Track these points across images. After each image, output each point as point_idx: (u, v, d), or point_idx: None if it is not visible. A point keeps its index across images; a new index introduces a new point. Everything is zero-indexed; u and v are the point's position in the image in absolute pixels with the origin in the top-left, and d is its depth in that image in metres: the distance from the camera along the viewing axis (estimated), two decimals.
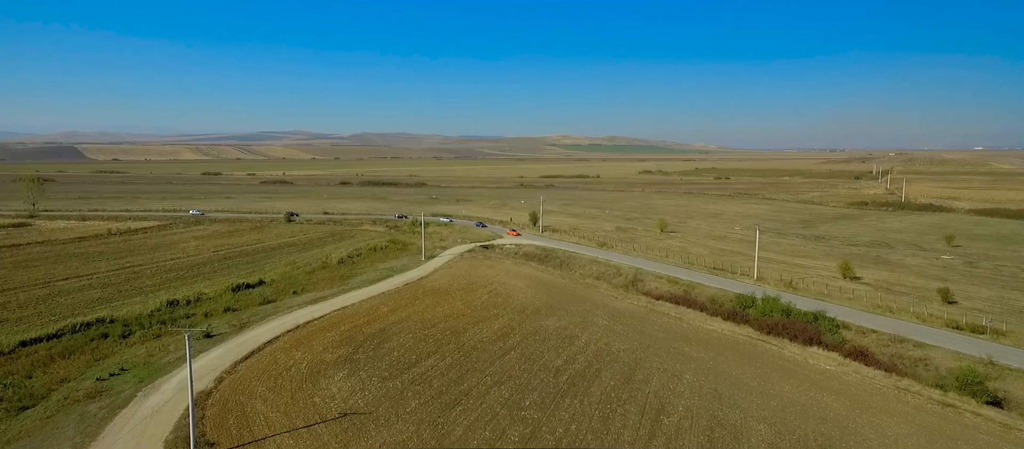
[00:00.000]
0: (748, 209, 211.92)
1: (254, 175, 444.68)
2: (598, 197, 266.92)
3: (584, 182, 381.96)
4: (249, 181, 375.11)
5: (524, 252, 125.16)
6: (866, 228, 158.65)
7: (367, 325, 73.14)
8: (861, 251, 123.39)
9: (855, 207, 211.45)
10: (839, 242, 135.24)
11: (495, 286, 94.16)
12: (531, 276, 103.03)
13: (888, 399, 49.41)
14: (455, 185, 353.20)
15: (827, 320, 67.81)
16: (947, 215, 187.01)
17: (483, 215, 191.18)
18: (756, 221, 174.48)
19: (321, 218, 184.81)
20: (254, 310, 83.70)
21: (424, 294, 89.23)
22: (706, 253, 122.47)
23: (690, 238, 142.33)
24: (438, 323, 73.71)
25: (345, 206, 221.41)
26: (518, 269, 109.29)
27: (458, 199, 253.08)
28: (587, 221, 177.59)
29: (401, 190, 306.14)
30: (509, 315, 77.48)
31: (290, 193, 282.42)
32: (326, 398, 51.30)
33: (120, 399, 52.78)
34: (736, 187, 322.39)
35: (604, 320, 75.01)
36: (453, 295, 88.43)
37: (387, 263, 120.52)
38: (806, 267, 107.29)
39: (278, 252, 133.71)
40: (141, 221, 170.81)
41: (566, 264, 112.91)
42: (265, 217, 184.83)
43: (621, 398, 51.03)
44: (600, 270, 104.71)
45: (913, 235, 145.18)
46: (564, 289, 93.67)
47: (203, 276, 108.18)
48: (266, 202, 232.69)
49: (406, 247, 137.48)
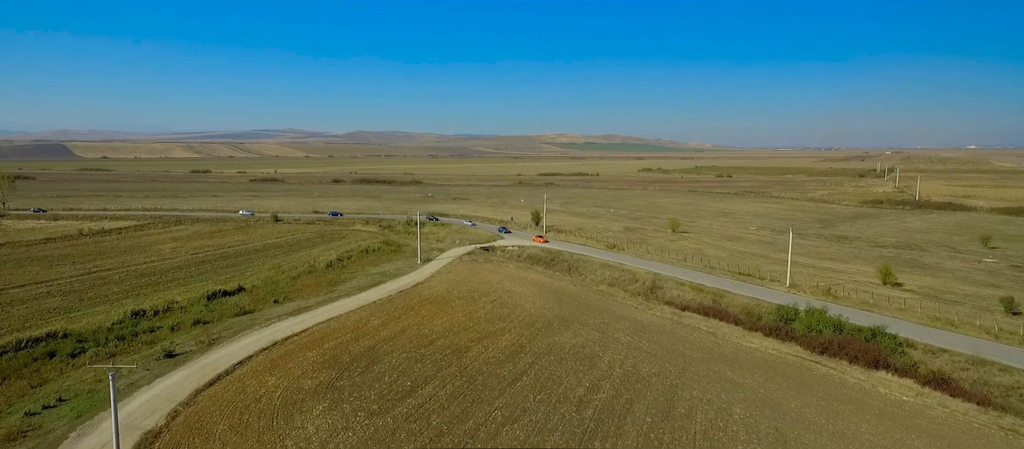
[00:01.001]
0: (759, 208, 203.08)
1: (244, 173, 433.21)
2: (599, 195, 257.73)
3: (584, 180, 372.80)
4: (238, 179, 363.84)
5: (529, 255, 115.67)
6: (888, 228, 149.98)
7: (355, 342, 63.47)
8: (891, 253, 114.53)
9: (870, 206, 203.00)
10: (864, 243, 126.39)
11: (499, 294, 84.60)
12: (538, 282, 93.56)
13: (995, 444, 40.22)
14: (451, 183, 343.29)
15: (887, 337, 58.54)
16: (969, 214, 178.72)
17: (482, 214, 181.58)
18: (770, 221, 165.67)
19: (310, 217, 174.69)
20: (228, 323, 73.94)
21: (420, 304, 79.58)
22: (725, 255, 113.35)
23: (704, 239, 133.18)
24: (436, 339, 64.10)
25: (337, 204, 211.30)
26: (523, 274, 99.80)
27: (455, 198, 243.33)
28: (592, 221, 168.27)
29: (396, 188, 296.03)
30: (517, 329, 67.98)
31: (280, 191, 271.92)
32: (301, 442, 41.65)
33: (47, 442, 42.97)
34: (741, 185, 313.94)
35: (627, 336, 65.59)
36: (453, 305, 78.84)
37: (380, 267, 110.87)
38: (837, 271, 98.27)
39: (262, 254, 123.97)
40: (117, 221, 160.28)
41: (575, 268, 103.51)
42: (252, 217, 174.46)
43: (662, 441, 41.63)
44: (614, 275, 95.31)
45: (941, 236, 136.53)
46: (576, 298, 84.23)
47: (177, 282, 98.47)
48: (254, 201, 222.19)
49: (400, 249, 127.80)
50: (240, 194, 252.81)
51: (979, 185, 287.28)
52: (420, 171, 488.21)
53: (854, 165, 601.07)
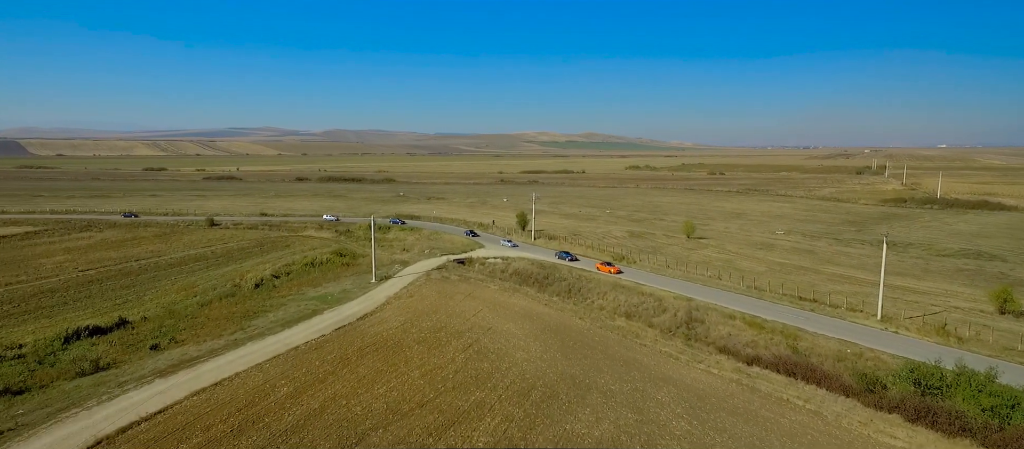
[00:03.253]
0: (771, 208, 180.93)
1: (203, 170, 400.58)
2: (590, 194, 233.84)
3: (570, 178, 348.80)
4: (191, 177, 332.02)
5: (515, 270, 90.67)
6: (934, 232, 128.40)
7: (241, 434, 37.94)
8: (967, 265, 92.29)
9: (892, 205, 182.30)
10: (923, 251, 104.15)
11: (477, 334, 59.49)
12: (529, 313, 68.67)
13: None
14: (428, 181, 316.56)
15: None
16: (1011, 214, 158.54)
17: (459, 216, 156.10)
18: (793, 223, 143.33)
19: (255, 221, 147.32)
20: (60, 387, 48.10)
21: (362, 352, 54.12)
22: (763, 270, 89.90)
23: (729, 247, 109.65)
24: (376, 427, 38.93)
25: (293, 205, 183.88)
26: (508, 300, 74.79)
27: (430, 197, 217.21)
28: (587, 224, 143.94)
29: (365, 187, 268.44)
30: (505, 404, 43.03)
31: (232, 191, 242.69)
32: None
33: None
34: (739, 183, 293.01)
35: (680, 418, 41.00)
36: (408, 354, 53.56)
37: (322, 288, 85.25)
38: (920, 293, 75.27)
39: (177, 270, 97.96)
40: (11, 226, 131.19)
41: (577, 290, 78.77)
42: (183, 220, 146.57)
43: None
44: (631, 301, 70.79)
45: (1006, 241, 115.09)
46: (587, 339, 59.49)
47: (42, 311, 72.44)
48: (197, 201, 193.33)
49: (355, 261, 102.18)
50: (184, 194, 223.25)
51: (989, 182, 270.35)
52: (395, 169, 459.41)
53: (841, 163, 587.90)
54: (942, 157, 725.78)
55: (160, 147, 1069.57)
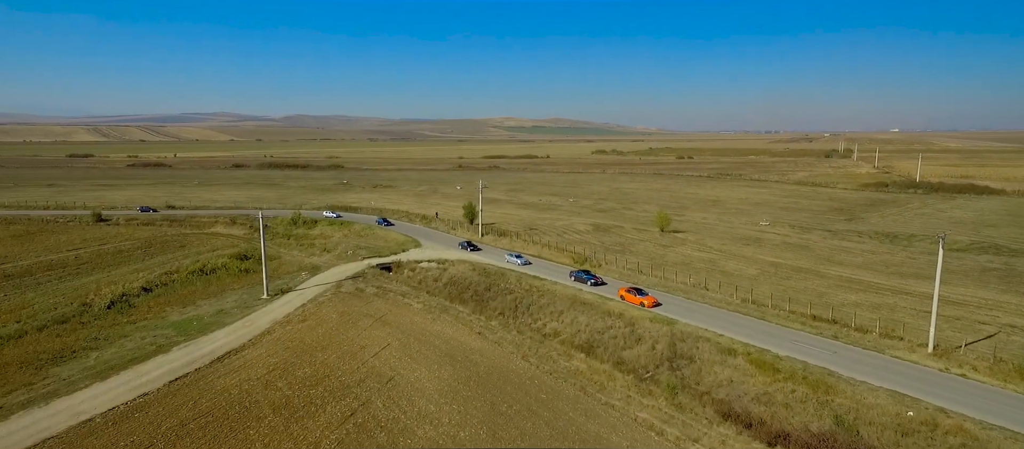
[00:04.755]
0: (748, 194, 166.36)
1: (136, 157, 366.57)
2: (552, 180, 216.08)
3: (533, 163, 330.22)
4: (114, 165, 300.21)
5: (450, 278, 71.84)
6: (930, 220, 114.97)
7: None
8: (993, 263, 77.84)
9: (874, 190, 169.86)
10: (931, 244, 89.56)
11: (370, 391, 40.59)
12: (455, 349, 50.03)
13: None
14: (379, 167, 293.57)
15: None
16: (1003, 199, 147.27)
17: (402, 207, 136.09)
18: (774, 211, 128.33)
19: (155, 216, 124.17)
20: None
21: (178, 433, 34.58)
22: (754, 272, 73.45)
23: (710, 243, 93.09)
24: None
25: (216, 195, 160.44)
26: (431, 326, 55.95)
27: (376, 185, 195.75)
28: (546, 214, 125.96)
29: (308, 174, 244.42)
30: None
31: (153, 179, 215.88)
32: None
33: None
34: (708, 168, 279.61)
35: None
36: (253, 432, 34.47)
37: (196, 306, 65.40)
38: (952, 302, 59.72)
39: (19, 281, 78.56)
40: None
41: (523, 308, 60.39)
42: (65, 215, 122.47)
43: None
44: (594, 326, 52.84)
45: (1017, 230, 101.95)
46: (527, 396, 41.23)
47: None
48: (101, 192, 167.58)
49: (257, 267, 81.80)
50: (92, 183, 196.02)
51: (959, 165, 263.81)
52: (348, 155, 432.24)
53: (805, 146, 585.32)
54: (900, 141, 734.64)
55: (102, 133, 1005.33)
